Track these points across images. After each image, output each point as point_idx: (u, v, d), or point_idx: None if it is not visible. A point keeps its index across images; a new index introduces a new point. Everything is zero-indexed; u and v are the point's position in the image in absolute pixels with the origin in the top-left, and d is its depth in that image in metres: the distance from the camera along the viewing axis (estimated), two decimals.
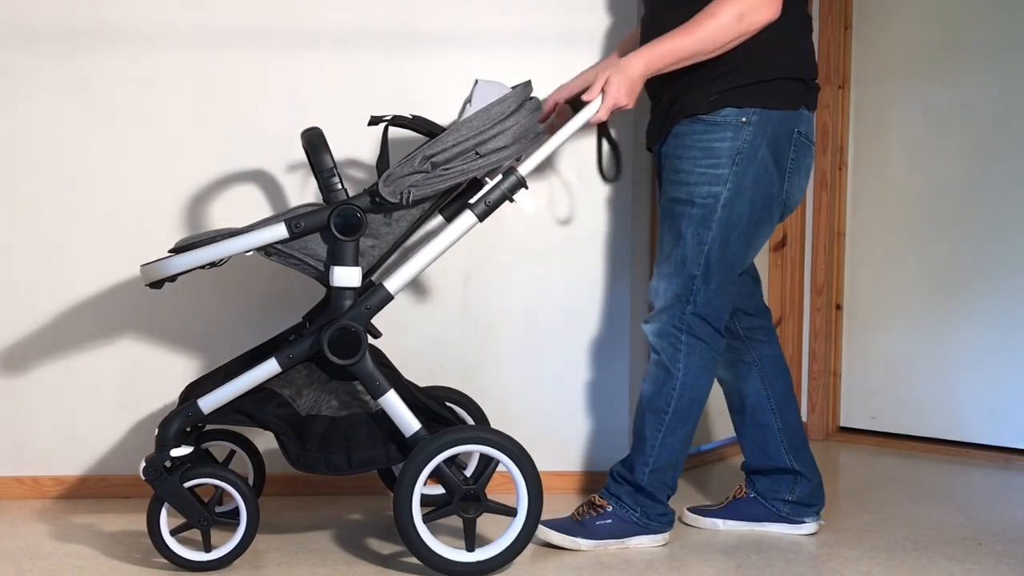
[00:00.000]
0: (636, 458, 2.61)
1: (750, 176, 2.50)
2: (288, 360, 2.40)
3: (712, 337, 2.57)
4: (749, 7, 2.38)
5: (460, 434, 2.37)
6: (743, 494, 2.78)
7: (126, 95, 2.93)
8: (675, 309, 2.55)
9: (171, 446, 2.39)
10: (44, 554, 2.55)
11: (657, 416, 2.58)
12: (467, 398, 2.81)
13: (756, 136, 2.48)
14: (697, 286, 2.53)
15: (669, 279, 2.56)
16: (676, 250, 2.54)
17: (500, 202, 2.42)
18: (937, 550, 2.64)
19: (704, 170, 2.50)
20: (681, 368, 2.56)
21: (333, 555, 2.55)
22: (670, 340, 2.56)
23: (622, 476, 2.62)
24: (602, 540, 2.58)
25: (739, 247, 2.54)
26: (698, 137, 2.50)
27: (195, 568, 2.42)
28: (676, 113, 2.53)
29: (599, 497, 2.63)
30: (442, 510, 2.40)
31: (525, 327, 3.06)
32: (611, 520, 2.59)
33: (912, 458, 3.57)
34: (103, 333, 2.98)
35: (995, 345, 3.56)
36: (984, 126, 3.55)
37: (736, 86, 2.47)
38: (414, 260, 2.40)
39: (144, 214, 2.96)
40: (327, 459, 2.39)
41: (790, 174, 2.55)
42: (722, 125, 2.48)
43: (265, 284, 2.99)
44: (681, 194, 2.53)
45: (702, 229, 2.51)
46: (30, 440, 2.98)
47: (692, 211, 2.52)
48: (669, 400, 2.57)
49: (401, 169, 2.33)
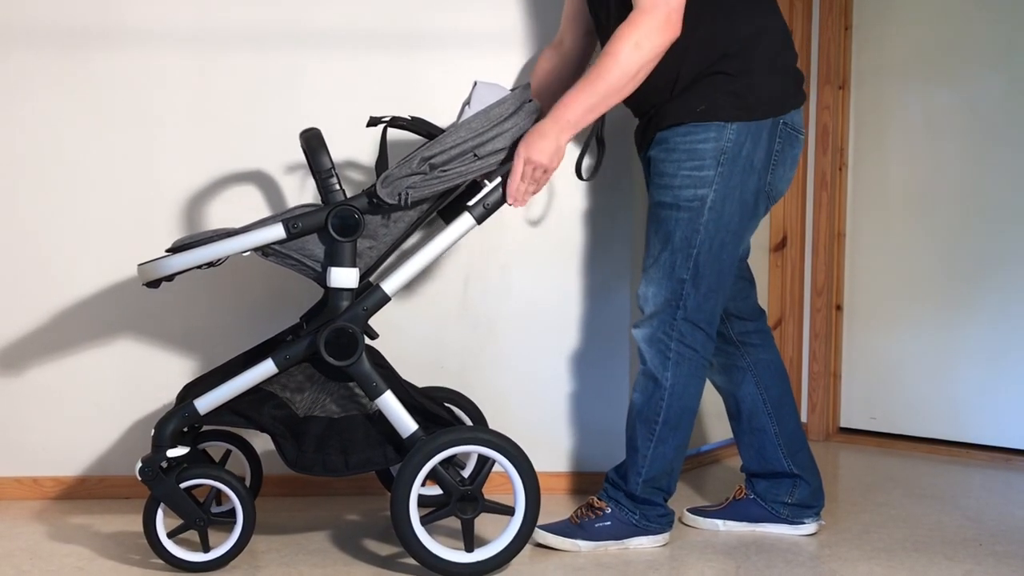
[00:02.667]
0: (629, 468, 2.61)
1: (736, 176, 2.48)
2: (284, 361, 2.40)
3: (703, 344, 2.56)
4: (643, 34, 2.35)
5: (457, 435, 2.37)
6: (743, 495, 2.78)
7: (126, 95, 2.93)
8: (665, 315, 2.54)
9: (167, 447, 2.39)
10: (44, 554, 2.55)
11: (648, 426, 2.58)
12: (465, 399, 2.81)
13: (740, 134, 2.46)
14: (687, 291, 2.51)
15: (658, 284, 2.54)
16: (664, 254, 2.53)
17: (499, 205, 2.42)
18: (937, 551, 2.64)
19: (689, 172, 2.48)
20: (670, 377, 2.55)
21: (332, 555, 2.55)
22: (659, 347, 2.55)
23: (617, 483, 2.62)
24: (602, 542, 2.58)
25: (730, 247, 2.53)
26: (681, 140, 2.48)
27: (192, 569, 2.42)
28: (659, 121, 2.52)
29: (597, 499, 2.63)
30: (440, 511, 2.40)
31: (524, 328, 3.06)
32: (610, 522, 2.59)
33: (912, 459, 3.57)
34: (101, 333, 2.99)
35: (996, 346, 3.56)
36: (984, 127, 3.55)
37: (720, 95, 2.45)
38: (412, 261, 2.40)
39: (143, 214, 2.96)
40: (324, 460, 2.39)
41: (774, 166, 2.52)
42: (705, 126, 2.46)
43: (264, 284, 2.99)
44: (667, 198, 2.52)
45: (690, 232, 2.49)
46: (29, 440, 2.98)
47: (678, 215, 2.50)
48: (659, 410, 2.56)
49: (399, 170, 2.33)
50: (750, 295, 2.75)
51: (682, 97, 2.47)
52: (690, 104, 2.46)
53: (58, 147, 2.95)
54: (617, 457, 2.77)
